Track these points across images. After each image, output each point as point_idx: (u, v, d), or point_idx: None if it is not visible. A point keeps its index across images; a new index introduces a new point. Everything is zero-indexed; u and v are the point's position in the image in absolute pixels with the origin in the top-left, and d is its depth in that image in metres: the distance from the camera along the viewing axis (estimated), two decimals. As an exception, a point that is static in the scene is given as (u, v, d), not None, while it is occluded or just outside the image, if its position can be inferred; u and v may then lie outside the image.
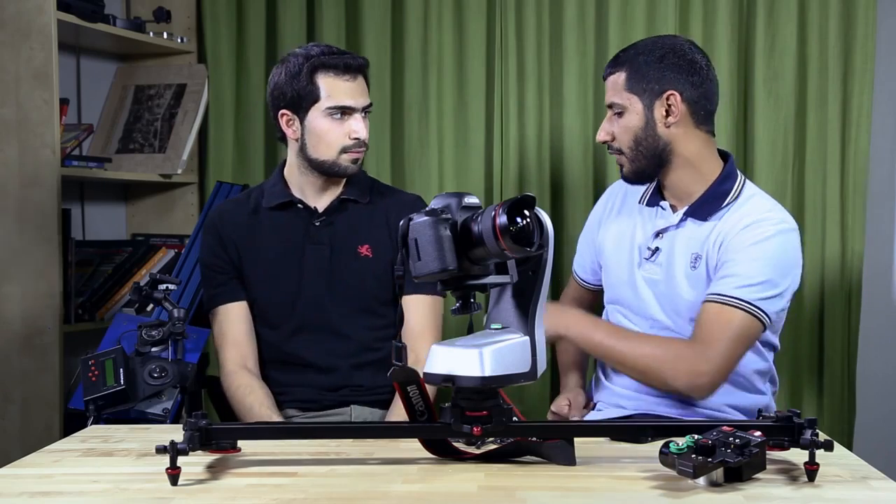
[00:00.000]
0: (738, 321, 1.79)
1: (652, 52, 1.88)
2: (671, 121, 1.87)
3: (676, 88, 1.86)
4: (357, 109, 2.04)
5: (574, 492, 1.27)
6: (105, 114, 2.99)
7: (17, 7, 2.48)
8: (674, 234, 1.92)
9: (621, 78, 1.89)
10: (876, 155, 2.73)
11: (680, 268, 1.89)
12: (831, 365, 2.71)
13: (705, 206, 1.89)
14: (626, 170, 1.93)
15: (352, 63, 2.03)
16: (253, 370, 2.07)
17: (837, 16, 2.67)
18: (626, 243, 1.99)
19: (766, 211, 1.88)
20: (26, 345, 2.49)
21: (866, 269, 2.73)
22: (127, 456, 1.47)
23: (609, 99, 1.92)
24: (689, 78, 1.87)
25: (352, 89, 2.03)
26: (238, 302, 2.10)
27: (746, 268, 1.80)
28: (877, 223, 2.80)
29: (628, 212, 2.03)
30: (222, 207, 2.20)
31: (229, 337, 2.09)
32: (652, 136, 1.88)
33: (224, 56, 2.94)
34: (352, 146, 2.04)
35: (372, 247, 2.09)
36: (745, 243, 1.82)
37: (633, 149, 1.90)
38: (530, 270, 1.36)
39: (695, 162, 1.90)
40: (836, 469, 1.32)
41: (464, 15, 2.84)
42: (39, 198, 2.48)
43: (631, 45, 1.95)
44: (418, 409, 1.38)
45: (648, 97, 1.87)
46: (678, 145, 1.89)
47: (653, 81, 1.87)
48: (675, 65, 1.87)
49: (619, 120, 1.90)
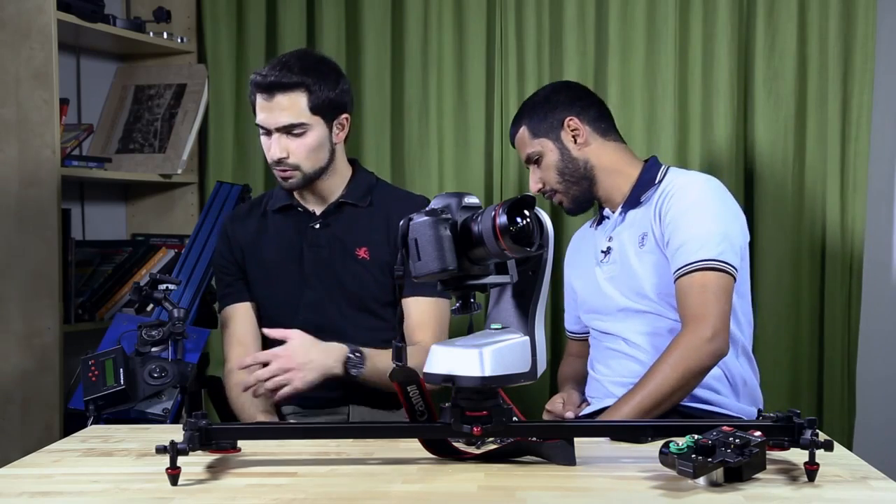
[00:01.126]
0: (711, 280, 1.87)
1: (537, 99, 2.12)
2: (580, 142, 2.07)
3: (572, 114, 2.07)
4: (271, 129, 2.01)
5: (574, 492, 1.27)
6: (105, 114, 3.00)
7: (17, 7, 2.48)
8: (620, 230, 2.06)
9: (525, 132, 2.10)
10: (876, 155, 2.73)
11: (631, 252, 2.01)
12: (831, 365, 2.71)
13: (636, 194, 2.05)
14: (565, 203, 2.12)
15: (263, 82, 1.99)
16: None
17: (837, 16, 2.67)
18: (587, 261, 2.13)
19: (688, 176, 2.04)
20: (26, 345, 2.49)
21: (866, 269, 2.72)
22: (127, 456, 1.47)
23: (524, 153, 2.11)
24: (578, 103, 2.09)
25: (266, 108, 2.00)
26: (244, 303, 2.14)
27: (694, 231, 1.90)
28: (877, 223, 2.80)
29: (584, 240, 2.21)
30: (236, 210, 2.26)
31: (235, 336, 2.13)
32: (571, 162, 2.07)
33: (224, 56, 2.94)
34: (273, 164, 2.04)
35: (370, 249, 2.09)
36: (682, 211, 1.93)
37: (561, 181, 2.08)
38: (530, 270, 1.36)
39: (615, 168, 2.08)
40: (836, 469, 1.32)
41: (464, 15, 2.84)
42: (39, 198, 2.48)
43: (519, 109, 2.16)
44: (418, 409, 1.38)
45: (554, 133, 2.07)
46: (595, 160, 2.07)
47: (549, 119, 2.07)
48: (561, 99, 2.09)
49: (540, 167, 2.09)
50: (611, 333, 2.05)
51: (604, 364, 2.06)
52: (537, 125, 2.08)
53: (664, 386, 1.82)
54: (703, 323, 1.84)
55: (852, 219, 2.69)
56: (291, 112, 2.00)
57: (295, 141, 2.01)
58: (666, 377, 1.82)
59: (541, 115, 2.08)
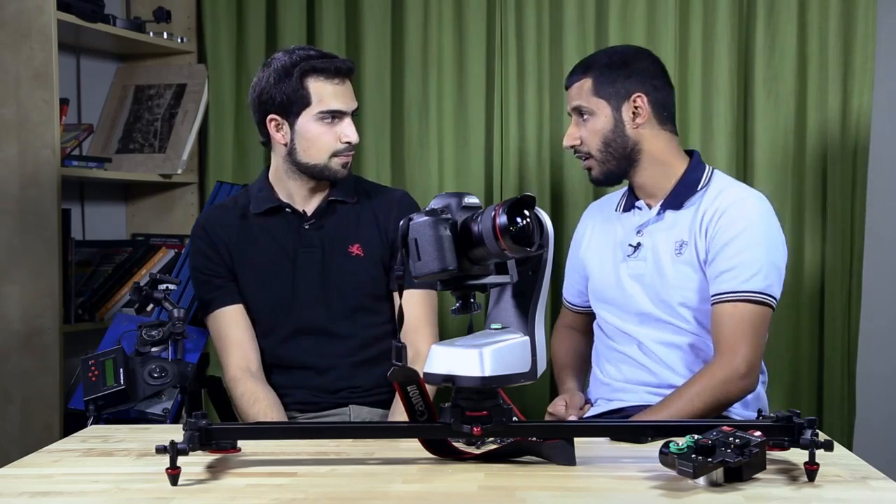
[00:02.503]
0: (752, 314, 1.85)
1: (616, 58, 1.98)
2: (639, 122, 1.96)
3: (643, 91, 1.95)
4: (347, 113, 2.03)
5: (574, 492, 1.27)
6: (105, 114, 3.00)
7: (17, 7, 2.48)
8: (654, 228, 1.98)
9: (587, 84, 1.97)
10: (876, 155, 2.73)
11: (666, 256, 1.95)
12: (831, 365, 2.71)
13: (679, 195, 1.97)
14: (595, 172, 2.01)
15: (341, 67, 2.03)
16: (256, 373, 2.05)
17: (837, 16, 2.67)
18: (608, 246, 2.05)
19: (739, 192, 1.96)
20: (26, 345, 2.49)
21: (866, 269, 2.73)
22: (127, 456, 1.47)
23: (574, 103, 1.99)
24: (652, 81, 1.97)
25: (342, 93, 2.02)
26: (236, 305, 2.08)
27: (745, 258, 1.86)
28: (877, 223, 2.80)
29: (607, 221, 2.10)
30: (209, 213, 2.18)
31: (231, 340, 2.07)
32: (621, 137, 1.96)
33: (224, 56, 2.94)
34: (343, 150, 2.04)
35: (362, 246, 2.08)
36: (733, 234, 1.87)
37: (602, 151, 1.97)
38: (530, 270, 1.36)
39: (662, 159, 1.98)
40: (836, 469, 1.32)
41: (464, 15, 2.84)
42: (39, 198, 2.48)
43: (591, 55, 2.05)
44: (418, 409, 1.38)
45: (616, 100, 1.96)
46: (646, 144, 1.97)
47: (619, 85, 1.95)
48: (640, 69, 1.97)
49: (586, 124, 1.98)
50: (626, 333, 2.00)
51: (614, 366, 2.02)
52: (604, 84, 1.96)
53: (687, 412, 1.80)
54: (740, 357, 1.82)
55: (852, 219, 2.69)
56: (354, 96, 2.07)
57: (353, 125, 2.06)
58: (692, 405, 1.81)
59: (612, 77, 1.96)
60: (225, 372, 2.08)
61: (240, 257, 2.09)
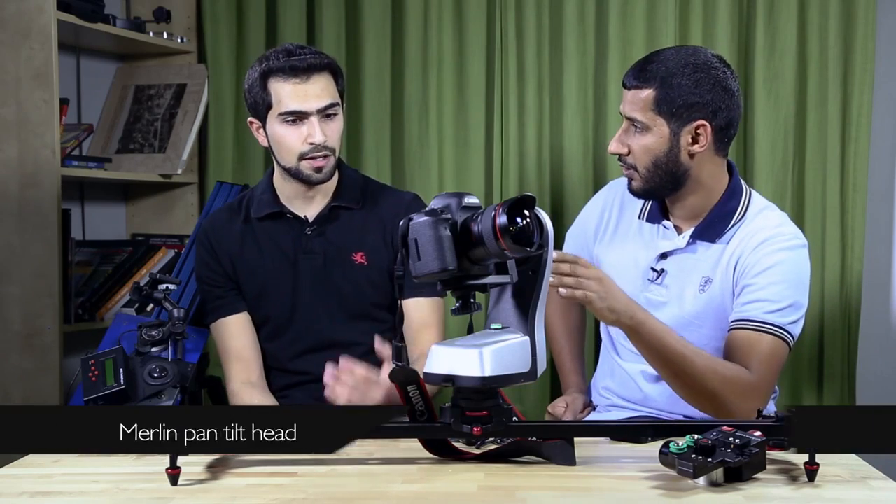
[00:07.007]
0: (778, 350, 1.78)
1: (684, 73, 1.78)
2: (696, 149, 1.81)
3: (707, 118, 1.79)
4: (310, 113, 1.93)
5: (574, 492, 1.27)
6: (105, 114, 3.00)
7: (17, 7, 2.48)
8: (682, 257, 1.88)
9: (649, 96, 1.79)
10: (876, 155, 2.73)
11: (689, 290, 1.85)
12: (831, 365, 2.71)
13: (712, 227, 1.85)
14: (636, 185, 1.86)
15: (298, 65, 1.91)
16: (258, 384, 2.04)
17: (837, 16, 2.67)
18: (628, 265, 1.93)
19: (777, 226, 1.85)
20: (26, 345, 2.49)
21: (866, 270, 2.72)
22: (127, 456, 1.47)
23: (629, 113, 1.82)
24: (720, 105, 1.79)
25: (302, 91, 1.92)
26: (239, 314, 2.06)
27: (770, 292, 1.78)
28: (877, 223, 2.80)
29: (627, 227, 1.98)
30: (214, 218, 2.14)
31: (232, 352, 2.05)
32: (674, 161, 1.81)
33: (224, 56, 2.94)
34: (309, 152, 1.94)
35: (366, 254, 2.04)
36: (763, 265, 1.79)
37: (650, 169, 1.82)
38: (530, 270, 1.36)
39: (707, 183, 1.85)
40: (836, 469, 1.32)
41: (464, 15, 2.84)
42: (39, 198, 2.48)
43: (660, 58, 1.82)
44: (418, 409, 1.38)
45: (676, 123, 1.79)
46: (695, 170, 1.83)
47: (684, 108, 1.78)
48: (709, 91, 1.78)
49: (639, 137, 1.82)
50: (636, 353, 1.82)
51: (618, 384, 1.96)
52: (668, 103, 1.78)
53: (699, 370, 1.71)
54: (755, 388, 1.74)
55: (852, 219, 2.69)
56: (328, 92, 1.94)
57: (329, 124, 1.95)
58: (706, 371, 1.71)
59: (677, 96, 1.77)
60: (227, 383, 2.07)
61: (241, 264, 2.06)
